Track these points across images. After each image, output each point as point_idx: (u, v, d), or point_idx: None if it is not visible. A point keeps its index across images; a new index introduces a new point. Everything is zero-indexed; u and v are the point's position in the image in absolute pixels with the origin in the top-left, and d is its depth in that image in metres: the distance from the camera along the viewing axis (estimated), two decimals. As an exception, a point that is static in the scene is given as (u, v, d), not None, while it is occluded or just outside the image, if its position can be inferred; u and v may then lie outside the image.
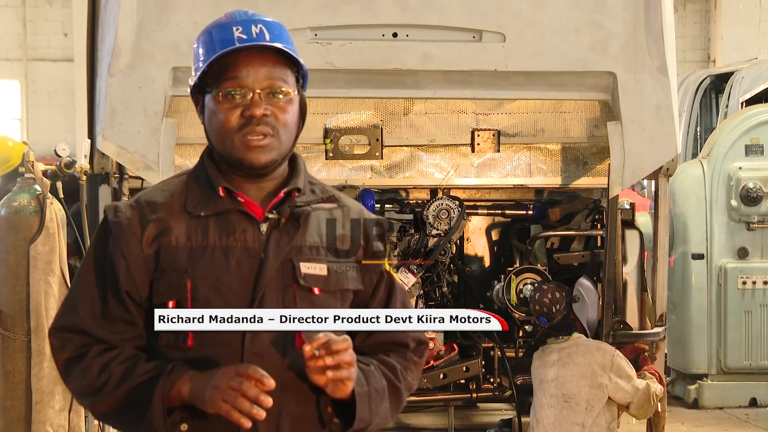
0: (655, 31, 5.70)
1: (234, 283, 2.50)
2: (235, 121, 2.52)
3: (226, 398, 2.35)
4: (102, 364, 2.49)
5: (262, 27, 2.56)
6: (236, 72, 2.53)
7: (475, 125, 6.20)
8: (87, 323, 2.52)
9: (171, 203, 2.56)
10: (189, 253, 2.51)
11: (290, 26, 5.53)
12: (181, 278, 2.49)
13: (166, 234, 2.52)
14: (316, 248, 2.58)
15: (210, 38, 2.57)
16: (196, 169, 2.63)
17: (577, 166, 6.33)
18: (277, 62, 2.57)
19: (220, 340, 2.47)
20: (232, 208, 2.55)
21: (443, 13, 5.62)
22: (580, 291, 5.90)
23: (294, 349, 2.50)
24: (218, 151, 2.58)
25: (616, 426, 5.76)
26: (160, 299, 2.50)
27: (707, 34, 19.51)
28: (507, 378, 6.32)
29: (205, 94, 2.58)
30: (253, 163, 2.53)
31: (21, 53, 19.78)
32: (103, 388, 2.47)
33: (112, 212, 2.57)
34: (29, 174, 6.19)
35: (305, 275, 2.55)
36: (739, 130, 8.79)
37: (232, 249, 2.51)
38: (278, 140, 2.55)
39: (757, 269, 8.64)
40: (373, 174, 6.28)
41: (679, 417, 8.24)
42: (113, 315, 2.52)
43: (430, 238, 6.33)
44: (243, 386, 2.34)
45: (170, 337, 2.50)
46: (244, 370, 2.36)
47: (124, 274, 2.51)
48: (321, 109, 6.09)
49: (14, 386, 6.15)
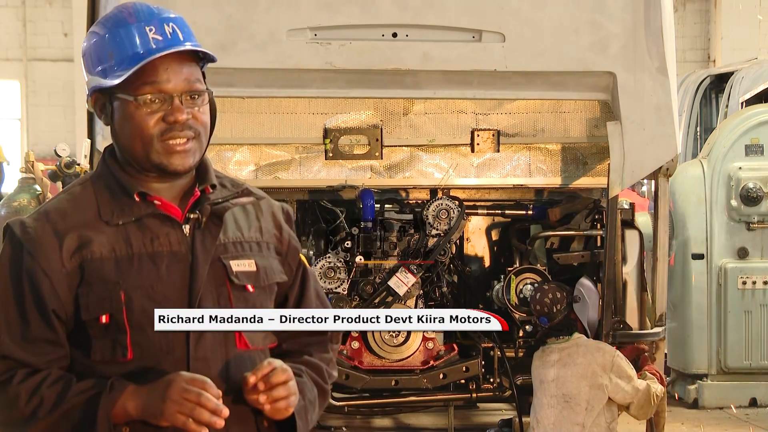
0: (655, 31, 5.70)
1: (167, 289, 2.42)
2: (156, 127, 2.42)
3: (183, 410, 2.28)
4: (30, 388, 2.36)
5: (174, 26, 2.45)
6: (155, 77, 2.42)
7: (475, 125, 6.20)
8: (8, 347, 2.38)
9: (83, 213, 2.44)
10: (116, 263, 2.40)
11: (290, 26, 5.58)
12: (113, 290, 2.39)
13: (87, 246, 2.40)
14: (240, 243, 2.52)
15: (117, 38, 2.45)
16: (101, 175, 2.51)
17: (577, 166, 6.33)
18: (191, 61, 2.48)
19: (161, 349, 2.41)
20: (150, 212, 2.45)
21: (443, 13, 5.63)
22: (580, 291, 5.90)
23: (236, 351, 2.47)
24: (132, 156, 2.46)
25: (616, 426, 5.76)
26: (90, 314, 2.40)
27: (707, 34, 19.51)
28: (507, 378, 6.32)
29: (113, 96, 2.46)
30: (177, 169, 2.45)
31: (21, 53, 19.79)
32: (35, 413, 2.35)
33: (20, 228, 2.42)
34: (29, 174, 6.20)
35: (237, 273, 2.49)
36: (739, 130, 8.78)
37: (159, 255, 2.43)
38: (199, 142, 2.47)
39: (757, 269, 8.63)
40: (373, 174, 6.28)
41: (679, 417, 8.23)
42: (36, 336, 2.39)
43: (430, 238, 6.33)
44: (201, 398, 2.28)
45: (106, 352, 2.40)
46: (196, 380, 2.30)
47: (48, 292, 2.39)
48: (321, 109, 6.08)
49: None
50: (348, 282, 6.23)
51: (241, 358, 2.48)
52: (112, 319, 2.39)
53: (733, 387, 8.63)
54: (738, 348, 8.61)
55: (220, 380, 2.41)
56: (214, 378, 2.39)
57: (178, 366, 2.39)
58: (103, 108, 2.50)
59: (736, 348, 8.61)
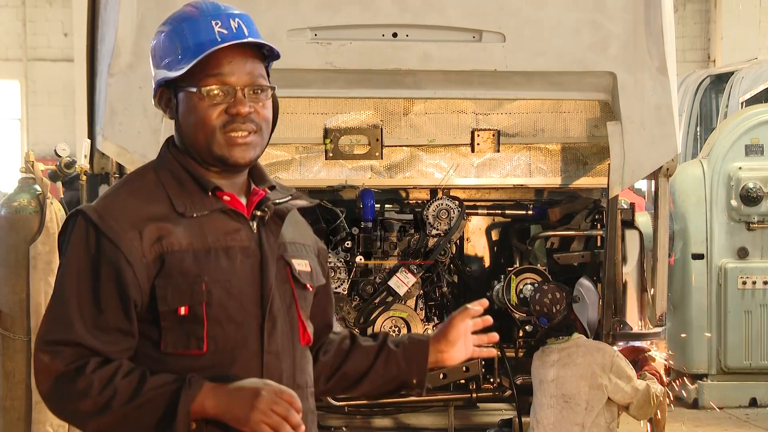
0: (655, 31, 5.70)
1: (243, 284, 2.45)
2: (219, 119, 2.47)
3: (270, 422, 2.30)
4: (104, 378, 2.35)
5: (239, 21, 2.50)
6: (219, 69, 2.47)
7: (475, 125, 6.20)
8: (81, 335, 2.37)
9: (156, 204, 2.46)
10: (194, 256, 2.42)
11: (290, 26, 5.58)
12: (195, 282, 2.41)
13: (166, 237, 2.42)
14: (295, 245, 2.58)
15: (182, 32, 2.49)
16: (168, 167, 2.53)
17: (577, 166, 6.33)
18: (256, 58, 2.52)
19: (236, 343, 2.43)
20: (221, 207, 2.49)
21: (443, 13, 5.63)
22: (580, 291, 5.90)
23: (299, 346, 2.53)
24: (195, 148, 2.50)
25: (615, 426, 5.76)
26: (168, 305, 2.41)
27: (707, 34, 19.50)
28: (507, 378, 6.32)
29: (178, 89, 2.50)
30: (238, 161, 2.49)
31: (21, 53, 19.77)
32: (108, 404, 2.34)
33: (97, 216, 2.42)
34: (29, 174, 6.20)
35: (300, 272, 2.55)
36: (739, 130, 8.78)
37: (233, 250, 2.45)
38: (261, 137, 2.51)
39: (757, 269, 8.63)
40: (373, 174, 6.28)
41: (679, 417, 8.24)
42: (111, 325, 2.39)
43: (430, 238, 6.34)
44: (290, 414, 2.31)
45: (179, 344, 2.42)
46: (285, 393, 2.33)
47: (131, 281, 2.40)
48: (321, 109, 6.09)
49: (14, 386, 6.16)
50: (348, 282, 6.24)
51: (302, 354, 2.55)
52: (191, 311, 2.41)
53: (733, 387, 8.63)
54: (738, 348, 8.62)
55: (288, 374, 2.47)
56: (285, 371, 2.46)
57: (252, 360, 2.43)
58: (168, 102, 2.54)
59: (736, 348, 8.62)
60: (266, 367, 2.45)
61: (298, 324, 2.54)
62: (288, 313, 2.51)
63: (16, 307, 6.01)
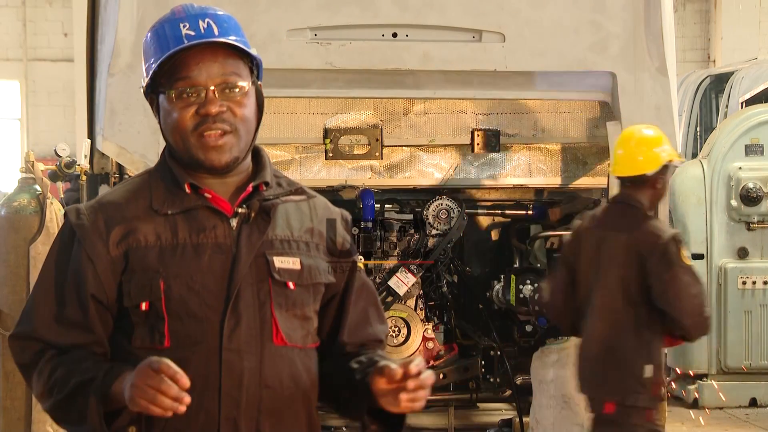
0: (655, 31, 5.70)
1: (207, 280, 2.44)
2: (190, 120, 2.47)
3: (145, 396, 2.25)
4: (51, 368, 2.44)
5: (209, 21, 2.49)
6: (187, 71, 2.47)
7: (475, 125, 6.20)
8: (41, 330, 2.47)
9: (135, 203, 2.50)
10: (159, 252, 2.44)
11: (290, 26, 5.57)
12: (153, 279, 2.43)
13: (133, 234, 2.46)
14: (288, 241, 2.55)
15: (158, 36, 2.51)
16: (159, 168, 2.57)
17: (577, 166, 6.33)
18: (229, 56, 2.51)
19: (195, 338, 2.43)
20: (200, 204, 2.50)
21: (443, 13, 5.62)
22: (580, 291, 5.89)
23: (272, 345, 2.47)
24: (175, 151, 2.52)
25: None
26: (131, 301, 2.44)
27: (707, 34, 19.51)
28: (507, 378, 6.32)
29: (159, 94, 2.53)
30: (214, 164, 2.48)
31: (21, 53, 19.78)
32: (52, 391, 2.43)
33: (74, 214, 2.50)
34: (29, 174, 6.20)
35: (279, 269, 2.51)
36: (739, 130, 8.79)
37: (203, 246, 2.46)
38: (237, 136, 2.49)
39: (757, 269, 8.64)
40: (373, 174, 6.28)
41: (679, 417, 8.24)
42: (70, 320, 2.45)
43: (429, 238, 6.34)
44: (162, 385, 2.24)
45: (145, 339, 2.44)
46: (158, 365, 2.26)
47: (91, 278, 2.45)
48: (321, 109, 6.08)
49: (14, 386, 6.16)
50: (348, 282, 6.23)
51: (278, 354, 2.49)
52: (152, 307, 2.44)
53: (733, 387, 8.63)
54: (738, 348, 8.62)
55: (253, 373, 2.43)
56: (248, 370, 2.42)
57: (210, 356, 2.42)
58: (154, 106, 2.57)
59: (736, 348, 8.62)
60: (225, 365, 2.43)
61: (272, 322, 2.49)
62: (260, 311, 2.48)
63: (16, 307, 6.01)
